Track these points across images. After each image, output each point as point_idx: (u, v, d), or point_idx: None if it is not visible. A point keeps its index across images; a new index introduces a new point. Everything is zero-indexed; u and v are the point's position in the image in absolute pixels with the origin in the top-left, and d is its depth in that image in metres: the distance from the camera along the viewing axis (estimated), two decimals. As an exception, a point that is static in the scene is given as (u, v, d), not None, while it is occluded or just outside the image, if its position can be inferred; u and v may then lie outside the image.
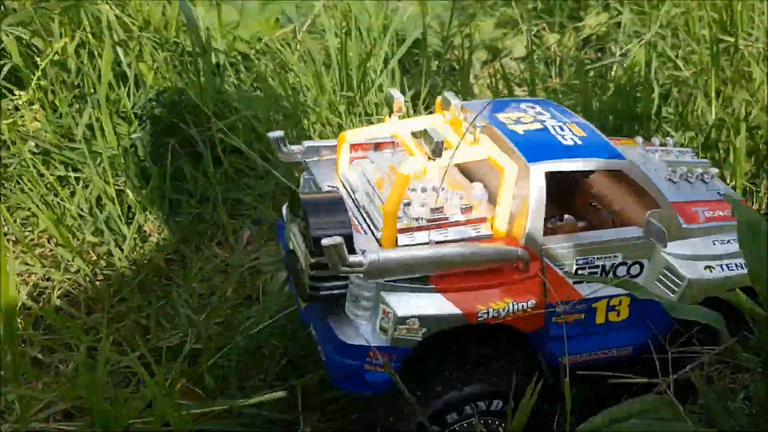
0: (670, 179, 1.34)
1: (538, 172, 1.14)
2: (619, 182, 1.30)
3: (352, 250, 1.07)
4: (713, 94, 2.01)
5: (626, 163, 1.19)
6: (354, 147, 1.35)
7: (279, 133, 1.36)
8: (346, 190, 1.30)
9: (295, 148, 1.38)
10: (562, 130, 1.23)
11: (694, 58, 2.24)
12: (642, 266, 1.21)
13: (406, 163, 1.14)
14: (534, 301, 1.14)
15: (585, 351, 1.22)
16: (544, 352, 1.20)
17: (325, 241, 1.04)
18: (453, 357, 1.19)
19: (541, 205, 1.14)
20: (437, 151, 1.12)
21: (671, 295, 1.19)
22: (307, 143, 1.39)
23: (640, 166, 1.27)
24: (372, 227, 1.19)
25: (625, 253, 1.20)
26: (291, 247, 1.24)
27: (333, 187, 1.30)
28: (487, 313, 1.11)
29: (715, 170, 1.39)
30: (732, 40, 2.18)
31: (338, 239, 1.04)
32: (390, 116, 1.33)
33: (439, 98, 1.33)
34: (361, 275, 1.08)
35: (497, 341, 1.21)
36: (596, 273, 1.20)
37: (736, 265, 1.22)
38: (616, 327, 1.24)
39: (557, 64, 2.49)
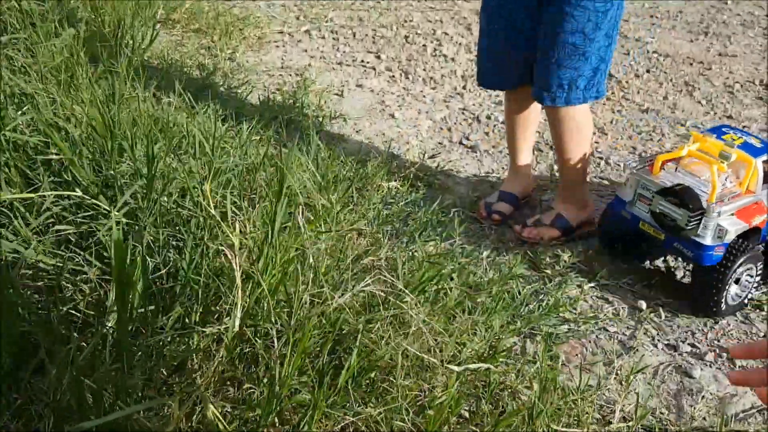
0: None
1: (760, 162, 2.71)
2: None
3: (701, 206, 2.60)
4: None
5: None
6: (663, 161, 2.87)
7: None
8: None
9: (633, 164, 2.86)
10: (750, 141, 2.79)
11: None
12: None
13: (712, 167, 2.67)
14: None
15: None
16: None
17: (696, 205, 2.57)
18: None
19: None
20: (726, 157, 2.65)
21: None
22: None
23: None
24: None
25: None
26: (658, 211, 2.73)
27: (679, 183, 2.73)
28: (755, 221, 2.68)
29: None
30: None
31: (702, 202, 2.58)
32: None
33: (694, 131, 2.87)
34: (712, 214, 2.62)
35: None
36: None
37: None
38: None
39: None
